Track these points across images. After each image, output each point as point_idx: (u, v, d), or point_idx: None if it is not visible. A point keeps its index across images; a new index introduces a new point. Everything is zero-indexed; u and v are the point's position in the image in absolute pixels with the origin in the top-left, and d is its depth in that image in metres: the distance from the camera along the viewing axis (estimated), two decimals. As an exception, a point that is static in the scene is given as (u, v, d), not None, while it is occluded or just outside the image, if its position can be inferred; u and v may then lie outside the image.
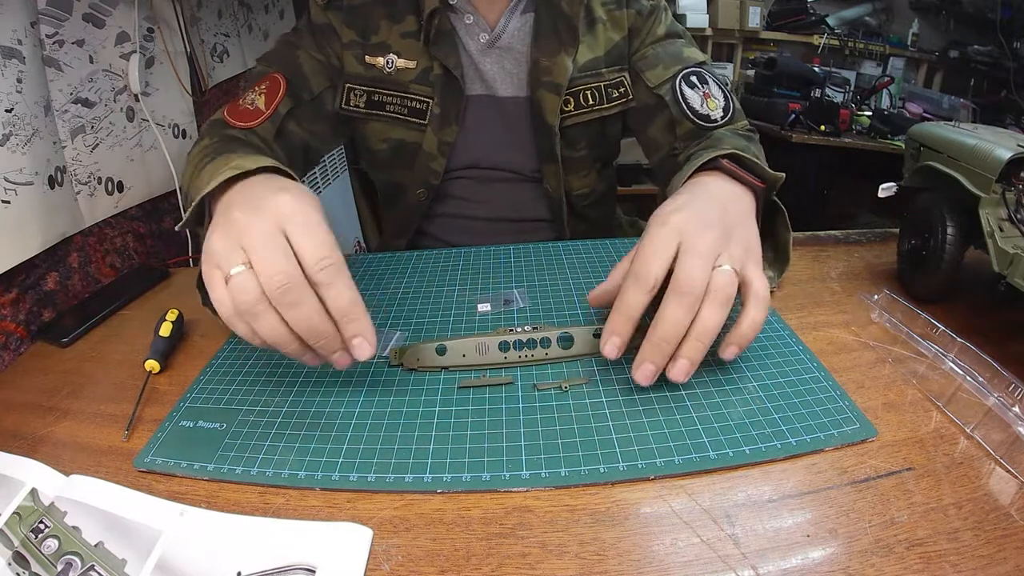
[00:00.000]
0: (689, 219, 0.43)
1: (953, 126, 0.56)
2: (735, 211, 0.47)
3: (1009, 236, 0.46)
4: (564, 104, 0.70)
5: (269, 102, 0.64)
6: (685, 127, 0.68)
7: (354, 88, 0.70)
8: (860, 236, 0.70)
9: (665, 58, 0.71)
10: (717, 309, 0.40)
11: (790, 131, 2.09)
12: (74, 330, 0.58)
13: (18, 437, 0.44)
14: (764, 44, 2.70)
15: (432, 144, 0.71)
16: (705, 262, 0.41)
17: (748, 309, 0.42)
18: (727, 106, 0.68)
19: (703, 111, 0.68)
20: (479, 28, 0.69)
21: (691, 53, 0.72)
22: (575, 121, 0.72)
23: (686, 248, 0.41)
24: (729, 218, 0.45)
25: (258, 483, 0.38)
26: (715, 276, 0.41)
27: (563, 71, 0.68)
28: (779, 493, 0.35)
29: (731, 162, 0.52)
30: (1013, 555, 0.31)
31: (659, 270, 0.41)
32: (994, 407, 0.40)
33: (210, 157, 0.52)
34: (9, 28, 0.58)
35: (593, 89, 0.71)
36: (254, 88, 0.66)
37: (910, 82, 2.48)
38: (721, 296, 0.40)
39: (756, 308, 0.42)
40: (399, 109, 0.71)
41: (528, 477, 0.37)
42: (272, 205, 0.39)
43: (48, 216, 0.63)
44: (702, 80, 0.69)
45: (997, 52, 2.11)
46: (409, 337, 0.52)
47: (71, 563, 0.33)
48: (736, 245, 0.43)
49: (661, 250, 0.41)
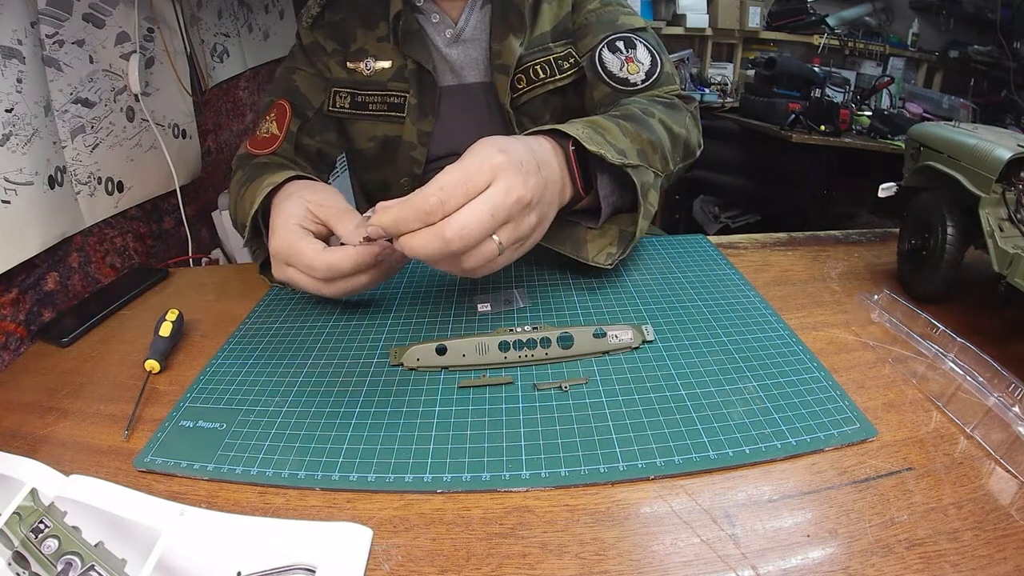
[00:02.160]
0: (513, 169, 0.43)
1: (953, 126, 0.56)
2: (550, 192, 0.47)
3: (1009, 236, 0.46)
4: (517, 82, 0.73)
5: (280, 127, 0.73)
6: (602, 91, 0.70)
7: (340, 91, 0.76)
8: (860, 236, 0.70)
9: (596, 26, 0.72)
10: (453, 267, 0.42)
11: (790, 131, 2.09)
12: (74, 330, 0.58)
13: (18, 437, 0.44)
14: (764, 44, 2.70)
15: (412, 134, 0.76)
16: (493, 221, 0.41)
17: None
18: (652, 70, 0.69)
19: (620, 75, 0.68)
20: (444, 25, 0.74)
21: (627, 20, 0.72)
22: (531, 96, 0.74)
23: (490, 196, 0.41)
24: (546, 193, 0.46)
25: (258, 483, 0.38)
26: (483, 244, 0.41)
27: (511, 52, 0.71)
28: (779, 493, 0.35)
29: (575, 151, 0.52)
30: (1013, 555, 0.31)
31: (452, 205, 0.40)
32: (994, 407, 0.39)
33: (247, 184, 0.62)
34: (9, 28, 0.58)
35: (543, 63, 0.73)
36: (265, 118, 0.74)
37: (910, 82, 2.48)
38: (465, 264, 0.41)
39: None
40: (380, 107, 0.76)
41: (528, 477, 0.37)
42: (273, 247, 0.51)
43: (48, 216, 0.63)
44: (630, 45, 0.70)
45: (997, 52, 2.11)
46: (409, 338, 0.52)
47: (71, 563, 0.33)
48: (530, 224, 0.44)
49: (463, 183, 0.41)
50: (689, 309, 0.53)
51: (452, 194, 0.40)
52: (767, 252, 0.66)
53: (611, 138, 0.54)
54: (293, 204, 0.52)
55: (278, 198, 0.55)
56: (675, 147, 0.63)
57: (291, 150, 0.73)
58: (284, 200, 0.53)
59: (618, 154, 0.53)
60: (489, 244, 0.42)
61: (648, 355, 0.47)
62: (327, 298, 0.59)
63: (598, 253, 0.57)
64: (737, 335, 0.49)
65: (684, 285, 0.58)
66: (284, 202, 0.53)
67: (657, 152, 0.58)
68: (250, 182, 0.61)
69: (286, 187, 0.56)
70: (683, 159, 0.65)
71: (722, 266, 0.61)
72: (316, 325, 0.55)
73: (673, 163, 0.62)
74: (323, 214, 0.51)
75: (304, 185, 0.55)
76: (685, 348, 0.48)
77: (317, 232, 0.51)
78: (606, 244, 0.57)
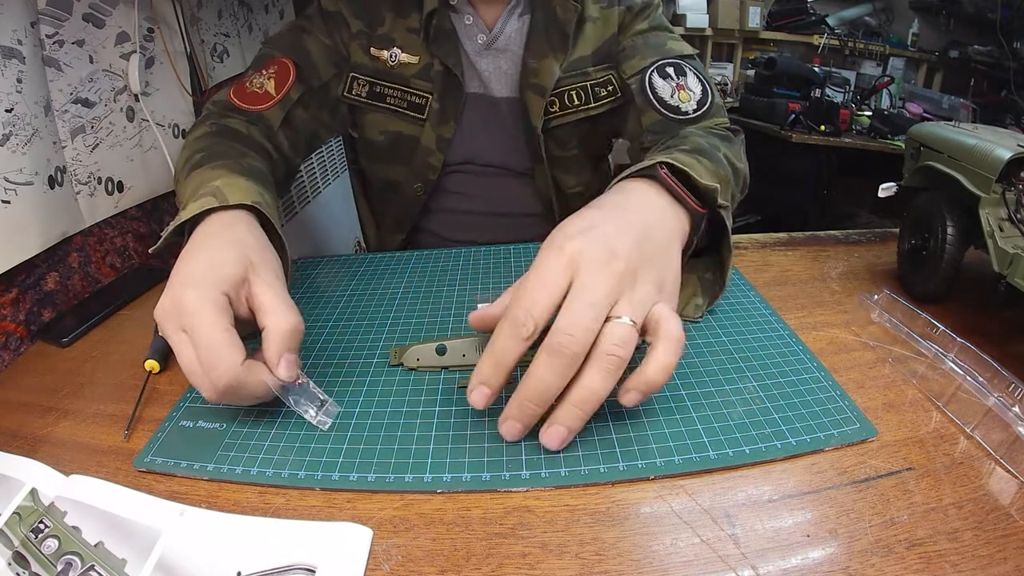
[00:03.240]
0: (590, 246, 0.36)
1: (953, 126, 0.56)
2: (657, 237, 0.40)
3: (1009, 236, 0.46)
4: (550, 105, 0.69)
5: (279, 87, 0.64)
6: (651, 117, 0.66)
7: (358, 78, 0.71)
8: (860, 236, 0.70)
9: (644, 49, 0.68)
10: (602, 375, 0.34)
11: (790, 131, 2.09)
12: (74, 330, 0.58)
13: (18, 437, 0.44)
14: (764, 44, 2.70)
15: (431, 139, 0.72)
16: (596, 311, 0.34)
17: (657, 350, 0.35)
18: (703, 100, 0.65)
19: (672, 102, 0.64)
20: (477, 29, 0.70)
21: (675, 46, 0.69)
22: (561, 122, 0.71)
23: (576, 288, 0.34)
24: (646, 247, 0.38)
25: (258, 483, 0.38)
26: (607, 331, 0.34)
27: (549, 74, 0.67)
28: (779, 493, 0.35)
29: (670, 173, 0.45)
30: (1013, 555, 0.31)
31: (540, 314, 0.34)
32: (994, 407, 0.39)
33: (202, 157, 0.53)
34: (9, 28, 0.58)
35: (579, 89, 0.70)
36: (261, 72, 0.66)
37: (910, 82, 2.48)
38: (610, 360, 0.34)
39: (666, 350, 0.35)
40: (399, 102, 0.71)
41: (528, 477, 0.37)
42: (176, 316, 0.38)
43: (48, 216, 0.63)
44: (680, 72, 0.66)
45: (997, 52, 2.11)
46: (409, 338, 0.52)
47: (71, 563, 0.33)
48: (646, 283, 0.37)
49: (545, 286, 0.35)
50: (689, 309, 0.53)
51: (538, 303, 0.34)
52: (767, 252, 0.66)
53: (695, 175, 0.47)
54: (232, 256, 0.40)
55: (222, 219, 0.44)
56: (738, 183, 0.59)
57: (279, 119, 0.65)
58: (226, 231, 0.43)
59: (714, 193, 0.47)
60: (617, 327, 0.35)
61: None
62: (327, 298, 0.59)
63: (685, 306, 0.50)
64: (737, 335, 0.49)
65: (684, 285, 0.58)
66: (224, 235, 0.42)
67: (728, 188, 0.53)
68: (207, 161, 0.51)
69: (236, 213, 0.45)
70: (741, 194, 0.62)
71: (722, 266, 0.61)
72: (316, 325, 0.55)
73: (735, 199, 0.58)
74: (260, 303, 0.40)
75: (257, 235, 0.44)
76: (685, 348, 0.47)
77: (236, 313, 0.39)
78: (689, 296, 0.51)
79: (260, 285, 0.40)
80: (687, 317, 0.50)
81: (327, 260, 0.69)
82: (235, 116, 0.64)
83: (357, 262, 0.68)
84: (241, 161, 0.54)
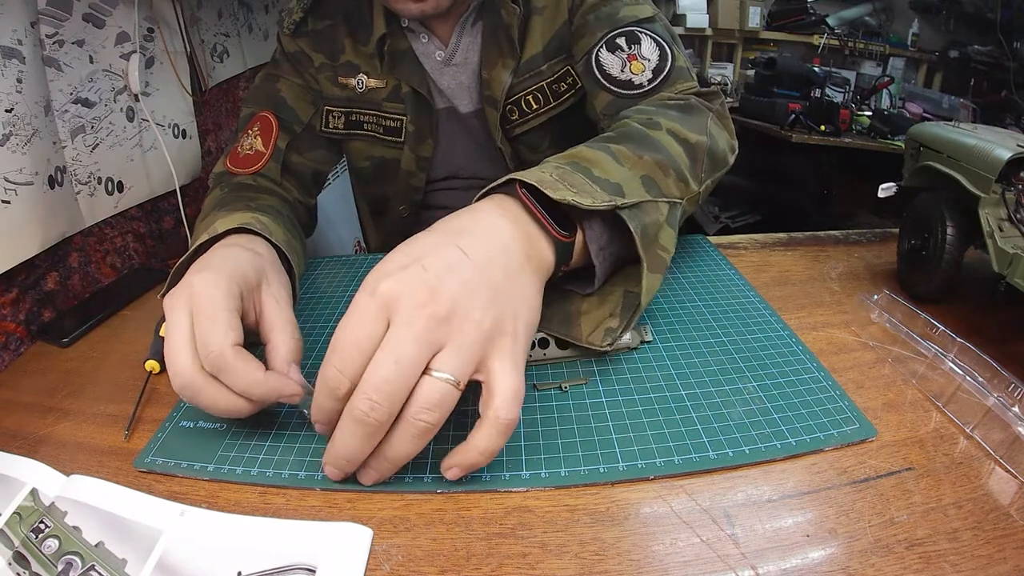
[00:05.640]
0: (407, 287, 0.32)
1: (953, 126, 0.56)
2: (504, 266, 0.35)
3: (1009, 236, 0.46)
4: (509, 114, 0.68)
5: (266, 142, 0.65)
6: (603, 98, 0.60)
7: (332, 110, 0.70)
8: (860, 236, 0.70)
9: (594, 25, 0.61)
10: (409, 439, 0.31)
11: (790, 131, 2.09)
12: (74, 330, 0.58)
13: (18, 437, 0.44)
14: (764, 44, 2.70)
15: (410, 162, 0.71)
16: (404, 370, 0.30)
17: (480, 431, 0.32)
18: (661, 66, 0.58)
19: (623, 77, 0.58)
20: (434, 46, 0.68)
21: (630, 12, 0.60)
22: (525, 128, 0.69)
23: (386, 341, 0.31)
24: (485, 281, 0.33)
25: (258, 483, 0.38)
26: (419, 390, 0.31)
27: (499, 84, 0.65)
28: (779, 493, 0.35)
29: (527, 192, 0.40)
30: (1013, 555, 0.31)
31: (353, 372, 0.31)
32: (994, 407, 0.39)
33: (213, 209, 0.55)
34: (9, 28, 0.58)
35: (535, 92, 0.67)
36: (247, 132, 0.66)
37: (910, 82, 2.48)
38: (416, 425, 0.31)
39: (488, 435, 0.32)
40: (375, 128, 0.71)
41: (528, 477, 0.37)
42: (187, 292, 0.38)
43: (48, 216, 0.63)
44: (633, 40, 0.59)
45: (997, 52, 2.11)
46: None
47: (71, 563, 0.33)
48: (479, 326, 0.32)
49: (356, 341, 0.31)
50: (689, 309, 0.53)
51: (348, 359, 0.31)
52: (767, 252, 0.66)
53: (599, 172, 0.43)
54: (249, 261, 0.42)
55: (238, 240, 0.46)
56: (695, 161, 0.51)
57: (278, 170, 0.66)
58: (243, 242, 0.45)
59: (609, 192, 0.42)
60: (430, 386, 0.31)
61: (648, 355, 0.47)
62: (327, 298, 0.59)
63: (593, 331, 0.44)
64: (737, 335, 0.49)
65: (684, 285, 0.58)
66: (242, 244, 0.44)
67: (670, 174, 0.48)
68: (217, 209, 0.53)
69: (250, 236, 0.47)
70: (712, 171, 0.54)
71: (722, 266, 0.61)
72: (316, 325, 0.55)
73: (697, 181, 0.51)
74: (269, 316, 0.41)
75: (270, 254, 0.47)
76: (685, 348, 0.48)
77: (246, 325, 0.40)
78: (604, 316, 0.45)
79: (270, 298, 0.41)
80: (593, 345, 0.43)
81: (327, 260, 0.69)
82: (239, 180, 0.64)
83: (357, 262, 0.68)
84: (250, 203, 0.56)
